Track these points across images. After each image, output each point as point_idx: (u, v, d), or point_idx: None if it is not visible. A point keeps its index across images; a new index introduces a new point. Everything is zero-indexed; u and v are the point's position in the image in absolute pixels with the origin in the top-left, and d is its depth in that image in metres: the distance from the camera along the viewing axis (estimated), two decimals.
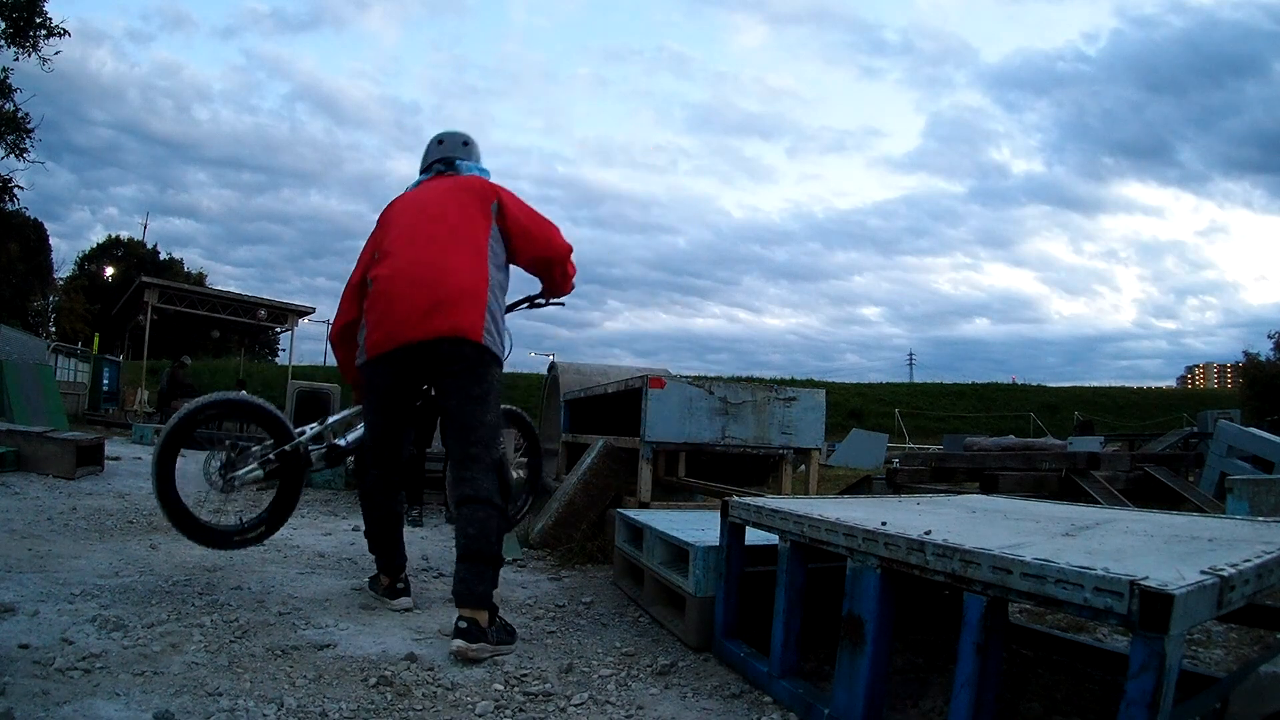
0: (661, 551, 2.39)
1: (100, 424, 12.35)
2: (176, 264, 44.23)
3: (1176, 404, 34.92)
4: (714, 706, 1.73)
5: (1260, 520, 1.79)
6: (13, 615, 2.01)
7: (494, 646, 2.01)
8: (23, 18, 13.05)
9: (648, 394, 3.45)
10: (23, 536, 3.11)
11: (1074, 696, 1.75)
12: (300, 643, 1.98)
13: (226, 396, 2.74)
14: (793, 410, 3.69)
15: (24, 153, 13.58)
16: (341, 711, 1.58)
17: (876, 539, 1.48)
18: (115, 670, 1.70)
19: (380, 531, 2.50)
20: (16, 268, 26.53)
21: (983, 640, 1.25)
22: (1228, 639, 2.28)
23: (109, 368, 19.14)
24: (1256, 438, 5.84)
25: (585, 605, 2.57)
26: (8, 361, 7.88)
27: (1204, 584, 1.07)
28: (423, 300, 2.23)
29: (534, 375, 13.01)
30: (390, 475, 2.48)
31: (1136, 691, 1.03)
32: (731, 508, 2.05)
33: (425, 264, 2.28)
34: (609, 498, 3.67)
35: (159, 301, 16.66)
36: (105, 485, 4.85)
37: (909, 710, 1.72)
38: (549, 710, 1.67)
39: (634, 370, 5.27)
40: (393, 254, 2.33)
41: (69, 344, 20.61)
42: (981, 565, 1.25)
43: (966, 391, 40.29)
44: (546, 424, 6.03)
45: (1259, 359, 25.29)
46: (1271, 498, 3.45)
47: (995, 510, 2.04)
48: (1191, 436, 8.77)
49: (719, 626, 2.05)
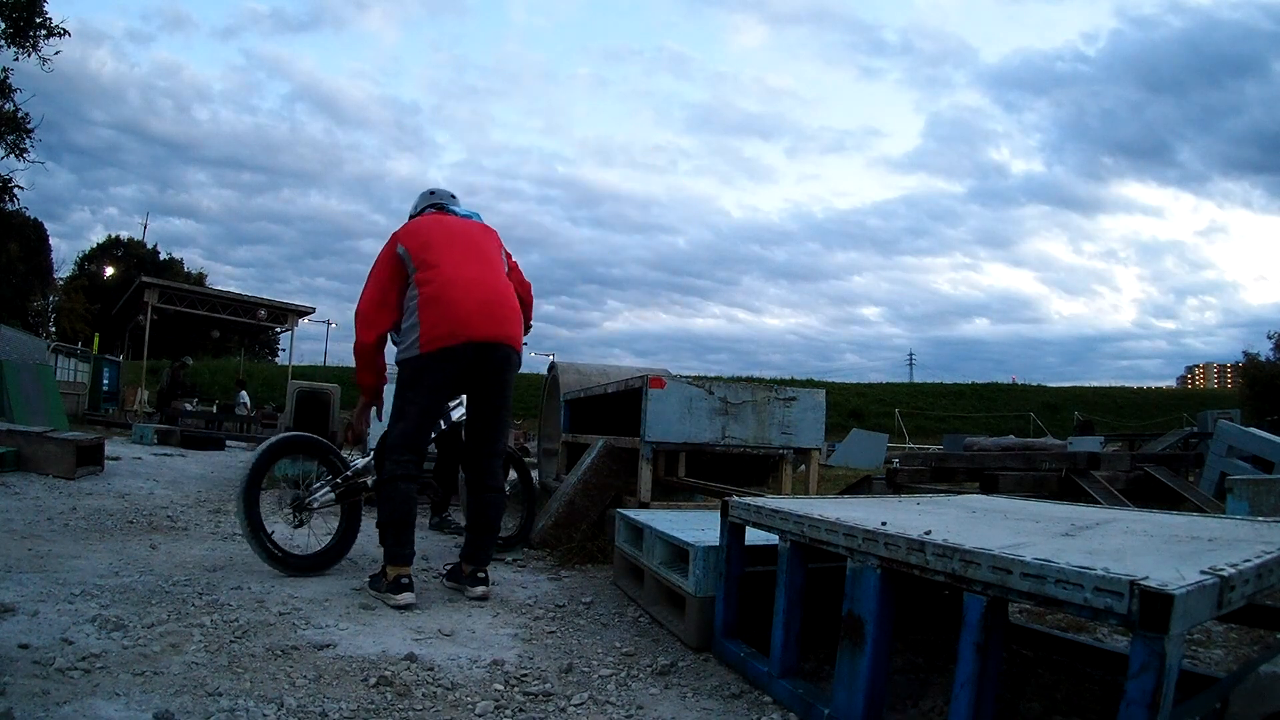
0: (661, 551, 2.39)
1: (100, 424, 12.34)
2: (176, 264, 44.26)
3: (1176, 404, 34.95)
4: (714, 706, 1.73)
5: (1260, 520, 1.79)
6: (13, 615, 2.01)
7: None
8: (23, 18, 13.05)
9: (648, 394, 3.45)
10: (23, 536, 3.11)
11: (1074, 696, 1.75)
12: (300, 643, 1.98)
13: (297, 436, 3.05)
14: (793, 410, 3.69)
15: (24, 153, 13.59)
16: (341, 711, 1.58)
17: (876, 539, 1.48)
18: (115, 670, 1.70)
19: (403, 519, 2.53)
20: (16, 268, 26.55)
21: (983, 640, 1.25)
22: (1228, 639, 2.28)
23: (109, 368, 19.13)
24: (1256, 438, 5.84)
25: (585, 605, 2.57)
26: (8, 361, 7.87)
27: (1204, 584, 1.07)
28: (486, 308, 2.58)
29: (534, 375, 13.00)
30: (420, 464, 2.63)
31: (1136, 691, 1.03)
32: (731, 508, 2.05)
33: (481, 281, 2.62)
34: (609, 498, 3.67)
35: (159, 301, 16.62)
36: (105, 485, 4.85)
37: (909, 710, 1.72)
38: (549, 710, 1.67)
39: (634, 370, 5.27)
40: (442, 266, 2.60)
41: (69, 344, 20.61)
42: (981, 565, 1.25)
43: (966, 391, 40.31)
44: (546, 424, 6.03)
45: (1259, 359, 25.30)
46: (1271, 498, 3.45)
47: (995, 510, 2.04)
48: (1191, 436, 8.76)
49: (719, 626, 2.05)
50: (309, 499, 2.89)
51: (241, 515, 2.69)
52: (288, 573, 2.72)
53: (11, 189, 13.67)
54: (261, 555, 2.70)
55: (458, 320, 2.53)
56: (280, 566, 2.73)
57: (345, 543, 2.94)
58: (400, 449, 2.56)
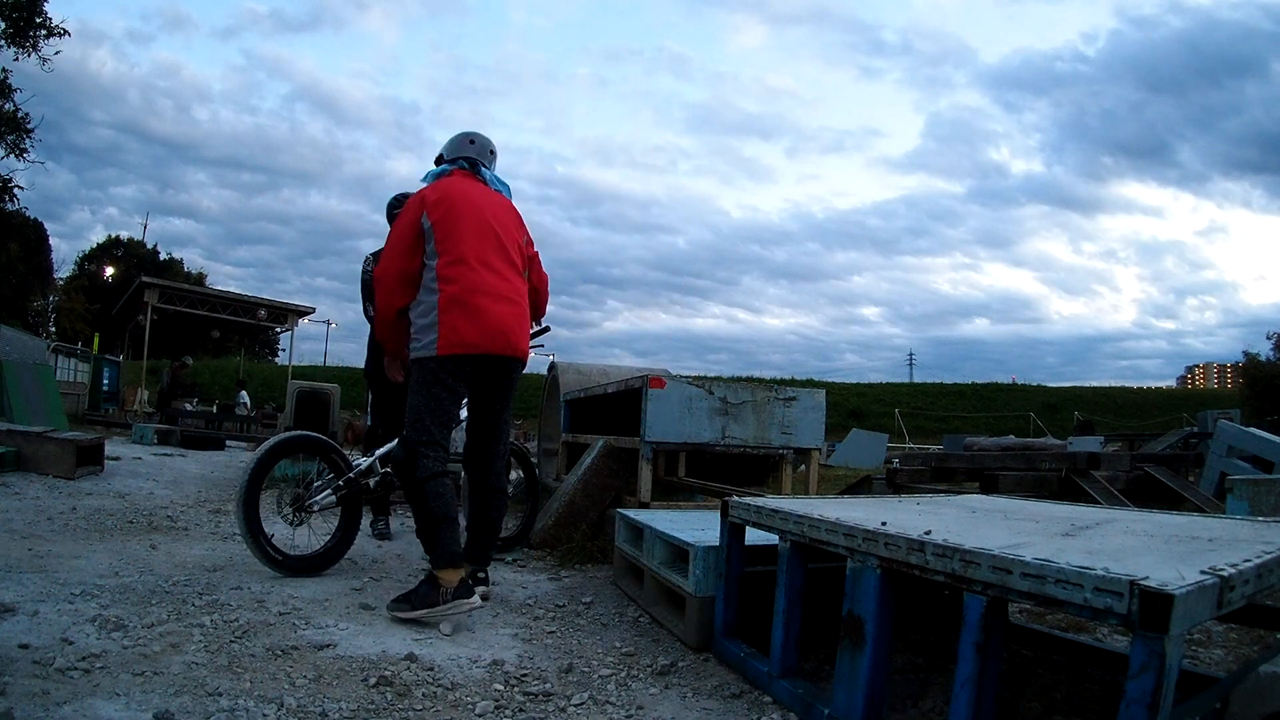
0: (661, 551, 2.39)
1: (100, 424, 12.33)
2: (176, 264, 44.27)
3: (1176, 404, 34.92)
4: (714, 706, 1.73)
5: (1260, 520, 1.79)
6: (13, 615, 2.01)
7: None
8: (23, 18, 13.04)
9: (648, 394, 3.45)
10: (23, 536, 3.11)
11: (1074, 696, 1.75)
12: (300, 643, 1.98)
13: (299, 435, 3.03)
14: (793, 410, 3.69)
15: (24, 153, 13.57)
16: (341, 711, 1.58)
17: (876, 539, 1.48)
18: (115, 670, 1.70)
19: (452, 516, 2.40)
20: (16, 268, 26.54)
21: (983, 640, 1.25)
22: (1228, 639, 2.28)
23: (109, 368, 19.13)
24: (1256, 438, 5.83)
25: (585, 605, 2.57)
26: (8, 361, 7.87)
27: (1204, 584, 1.07)
28: (507, 322, 2.55)
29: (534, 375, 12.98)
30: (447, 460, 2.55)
31: (1136, 691, 1.03)
32: (731, 508, 2.05)
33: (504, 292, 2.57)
34: (609, 498, 3.67)
35: (159, 301, 16.62)
36: (105, 485, 4.84)
37: (909, 710, 1.72)
38: (549, 710, 1.67)
39: (634, 370, 5.27)
40: (468, 261, 2.52)
41: (69, 344, 20.60)
42: (981, 565, 1.25)
43: (966, 391, 40.30)
44: (546, 424, 6.03)
45: (1259, 359, 25.29)
46: (1271, 498, 3.45)
47: (995, 510, 2.04)
48: (1191, 436, 8.76)
49: (719, 626, 2.05)
50: (310, 500, 2.87)
51: (240, 517, 2.68)
52: (286, 574, 2.72)
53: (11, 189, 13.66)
54: (260, 557, 2.70)
55: (481, 333, 2.49)
56: (279, 568, 2.72)
57: (344, 543, 2.93)
58: (429, 444, 2.45)
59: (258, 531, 2.68)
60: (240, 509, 2.68)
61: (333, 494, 2.89)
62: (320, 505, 2.88)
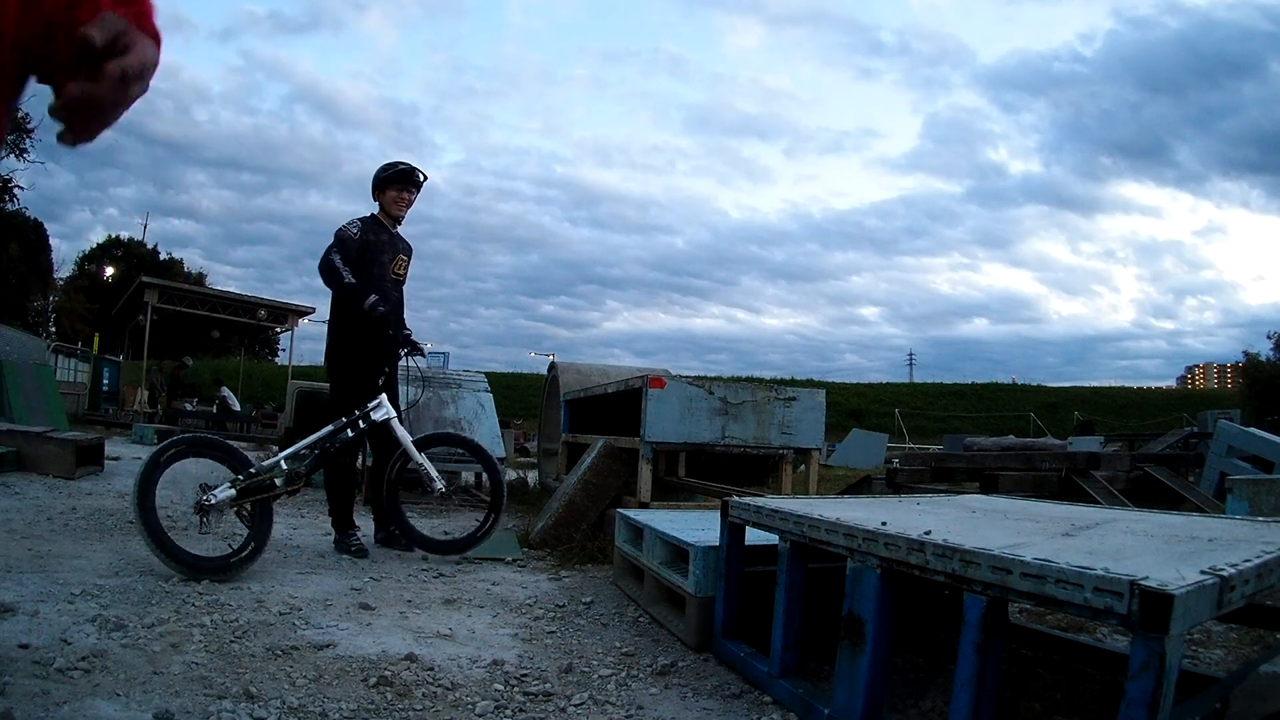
0: (661, 551, 2.39)
1: (100, 424, 12.34)
2: (176, 264, 44.22)
3: (1176, 404, 34.94)
4: (714, 706, 1.73)
5: (1260, 520, 1.79)
6: (13, 615, 2.01)
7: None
8: None
9: (648, 394, 3.45)
10: (23, 536, 3.11)
11: (1074, 696, 1.75)
12: (300, 643, 1.98)
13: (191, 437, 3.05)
14: (792, 410, 3.69)
15: (24, 153, 13.60)
16: (341, 711, 1.58)
17: (876, 539, 1.48)
18: (115, 670, 1.70)
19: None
20: (16, 268, 26.54)
21: (983, 640, 1.25)
22: (1228, 639, 2.28)
23: (109, 368, 19.14)
24: (1256, 438, 5.83)
25: (585, 605, 2.57)
26: (8, 361, 7.87)
27: (1204, 584, 1.07)
28: None
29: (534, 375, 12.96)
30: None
31: (1136, 691, 1.03)
32: (731, 508, 2.05)
33: None
34: (609, 498, 3.67)
35: (159, 301, 16.61)
36: (105, 485, 4.84)
37: (909, 710, 1.72)
38: (549, 710, 1.67)
39: (634, 370, 5.27)
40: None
41: (69, 344, 20.62)
42: (981, 565, 1.25)
43: (966, 391, 40.32)
44: (547, 424, 6.03)
45: (1259, 359, 25.28)
46: (1271, 498, 3.45)
47: (995, 510, 2.04)
48: (1191, 436, 8.75)
49: (719, 626, 2.05)
50: (203, 499, 2.83)
51: (140, 525, 2.62)
52: (197, 577, 2.57)
53: (11, 189, 13.69)
54: (170, 564, 2.59)
55: None
56: (189, 572, 2.59)
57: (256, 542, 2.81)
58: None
59: (161, 536, 2.61)
60: (138, 516, 2.61)
61: (231, 488, 2.86)
62: (215, 502, 2.83)
